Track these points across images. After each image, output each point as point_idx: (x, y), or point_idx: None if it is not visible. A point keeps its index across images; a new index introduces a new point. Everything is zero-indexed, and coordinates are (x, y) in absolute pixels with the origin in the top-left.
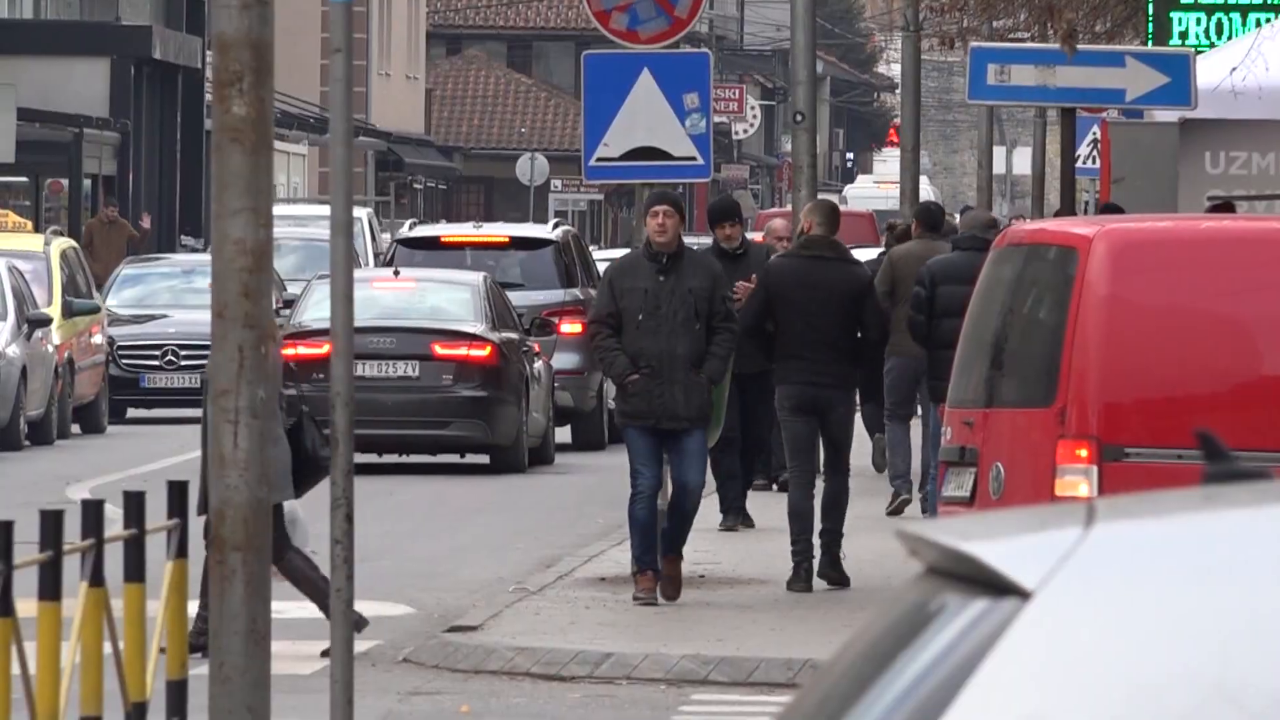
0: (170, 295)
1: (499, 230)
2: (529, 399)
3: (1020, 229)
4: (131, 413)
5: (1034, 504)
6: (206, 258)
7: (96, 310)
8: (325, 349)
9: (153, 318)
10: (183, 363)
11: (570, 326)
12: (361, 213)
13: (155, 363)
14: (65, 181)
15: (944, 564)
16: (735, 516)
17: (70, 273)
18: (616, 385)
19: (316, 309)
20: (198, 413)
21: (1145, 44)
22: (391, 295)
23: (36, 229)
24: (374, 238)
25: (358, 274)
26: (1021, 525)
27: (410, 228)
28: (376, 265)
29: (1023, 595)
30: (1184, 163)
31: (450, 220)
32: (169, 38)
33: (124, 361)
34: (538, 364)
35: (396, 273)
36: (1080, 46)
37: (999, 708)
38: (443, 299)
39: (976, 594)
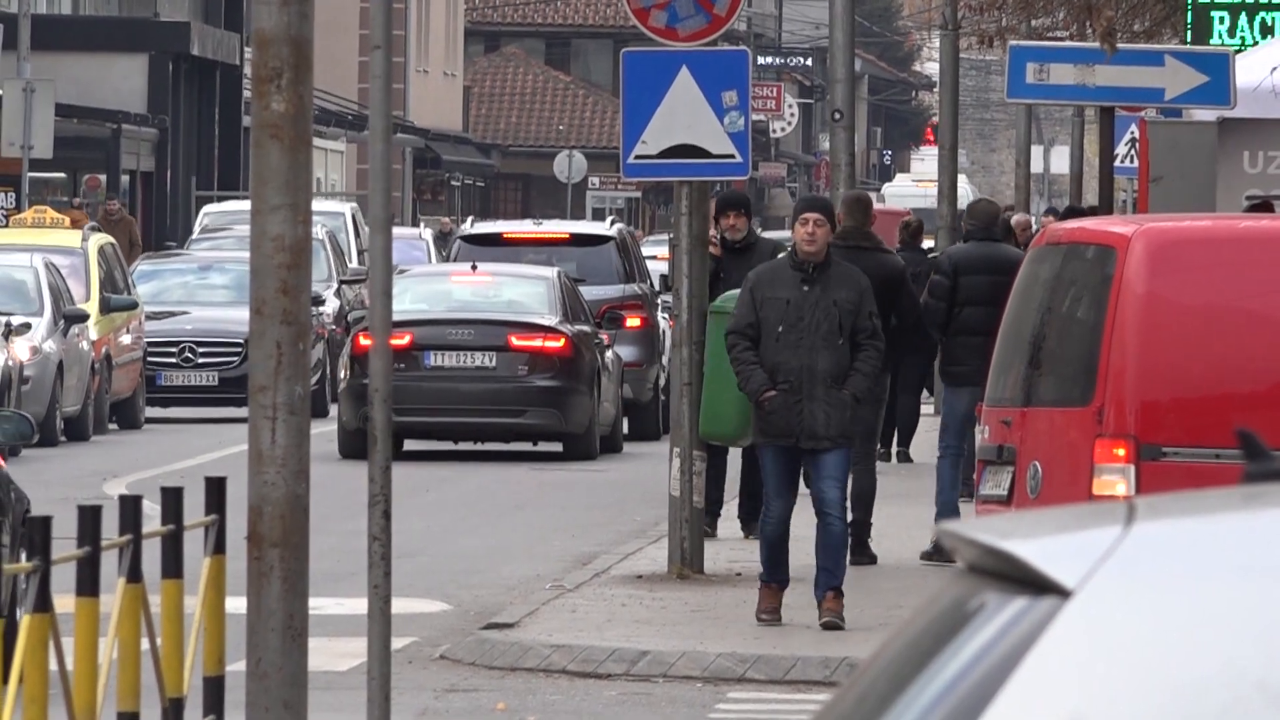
0: (185, 292)
1: (559, 227)
2: (600, 389)
3: (1059, 228)
4: (149, 411)
5: (1071, 503)
6: (225, 254)
7: (134, 306)
8: (405, 340)
9: (171, 314)
10: (200, 360)
11: (630, 320)
12: (345, 208)
13: (172, 360)
14: (103, 177)
15: (983, 562)
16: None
17: (108, 269)
18: (753, 402)
19: (397, 301)
20: (215, 411)
21: (1184, 43)
22: (469, 289)
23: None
24: (358, 234)
25: (437, 268)
26: (1061, 524)
27: (471, 224)
28: (359, 262)
29: (1063, 594)
30: (1222, 162)
31: (488, 217)
32: (207, 34)
33: None
34: (608, 355)
35: (474, 267)
36: (1119, 45)
37: (1038, 706)
38: (518, 292)
39: (1016, 592)
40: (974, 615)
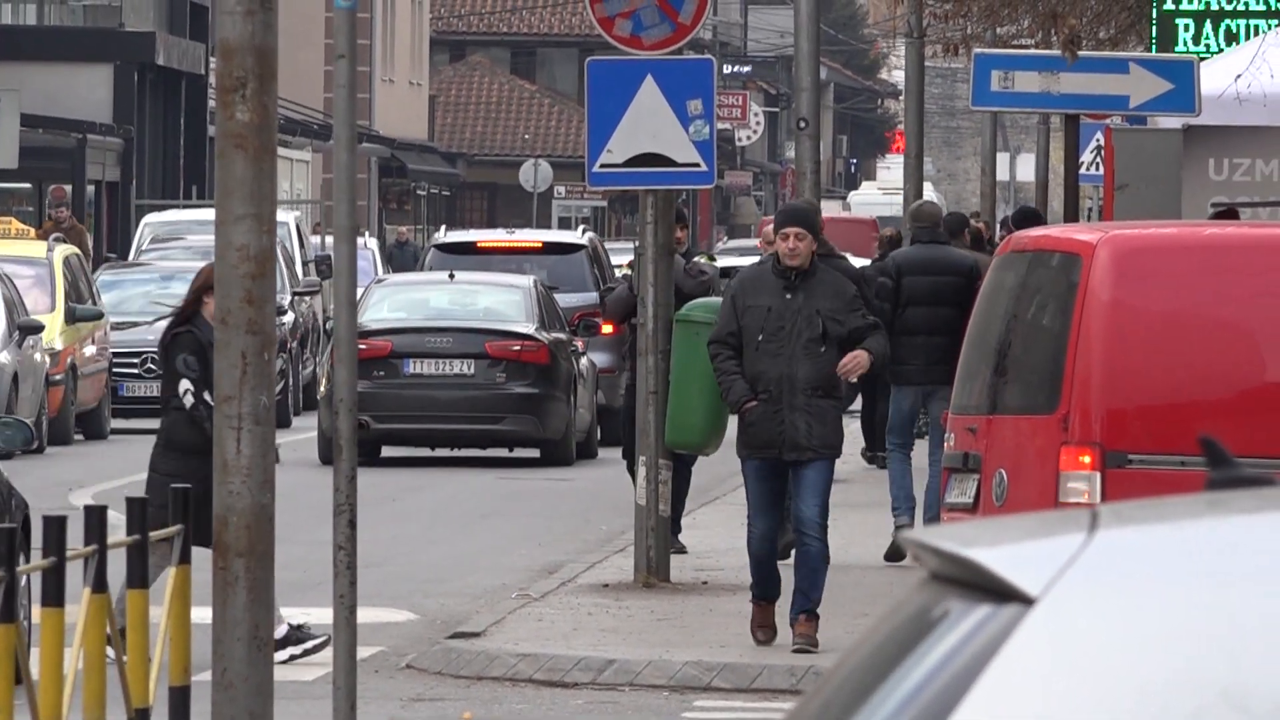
0: (146, 301)
1: (532, 236)
2: (576, 395)
3: (1024, 235)
4: (113, 422)
5: (1037, 510)
6: (187, 264)
7: (100, 317)
8: (384, 348)
9: (135, 324)
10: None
11: (604, 327)
12: (288, 217)
13: (134, 371)
14: (69, 188)
15: (947, 570)
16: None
17: (73, 279)
18: (734, 413)
19: (375, 310)
20: None
21: (1149, 50)
22: (447, 297)
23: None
24: (302, 244)
25: (415, 277)
26: (1025, 531)
27: (444, 233)
28: (305, 271)
29: (1026, 601)
30: (1188, 169)
31: (454, 226)
32: (172, 44)
33: None
34: (583, 362)
35: (451, 276)
36: (1084, 53)
37: (1002, 714)
38: (495, 301)
39: (980, 600)
40: (938, 623)
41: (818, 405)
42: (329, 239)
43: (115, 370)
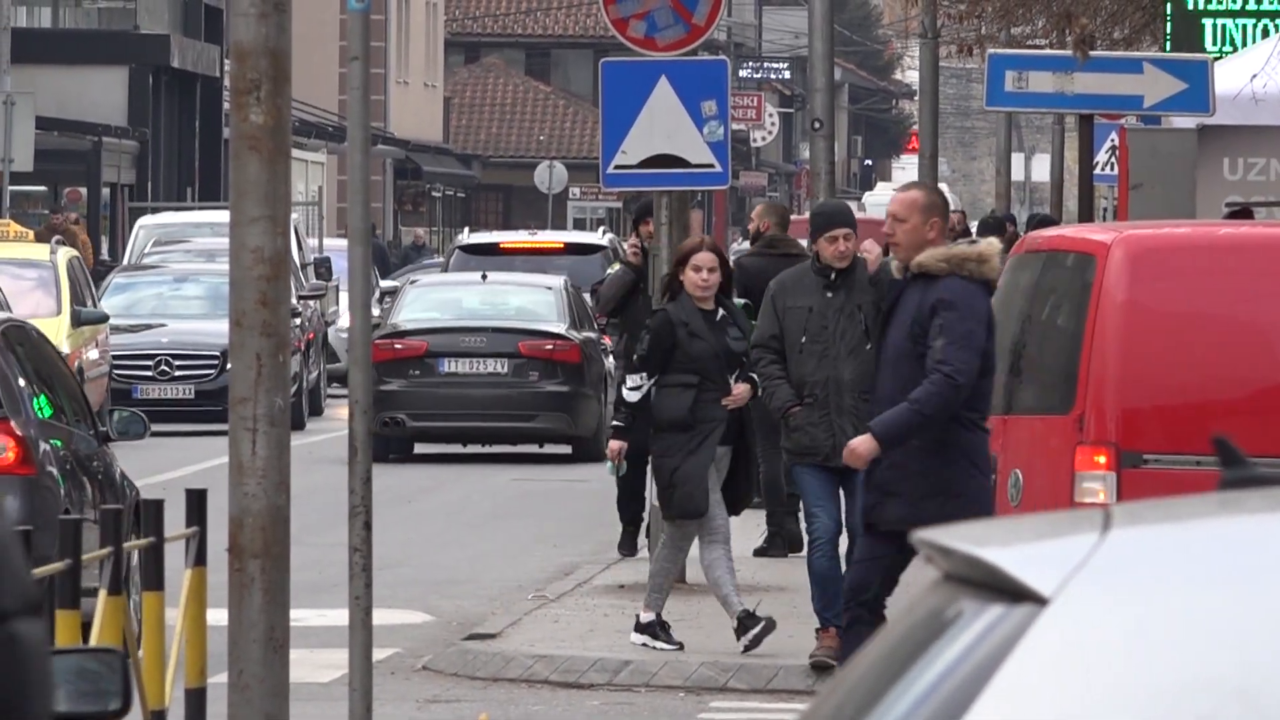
0: (159, 303)
1: (554, 237)
2: (606, 393)
3: (1038, 236)
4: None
5: (1053, 511)
6: (200, 266)
7: (104, 320)
8: (422, 348)
9: (148, 327)
10: (176, 373)
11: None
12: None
13: (148, 373)
14: (84, 190)
15: (960, 571)
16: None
17: (75, 282)
18: (778, 418)
19: (410, 309)
20: (193, 427)
21: (1163, 50)
22: (479, 297)
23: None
24: (300, 246)
25: (450, 277)
26: (1038, 531)
27: (467, 235)
28: (304, 274)
29: (1039, 601)
30: (1202, 169)
31: (468, 228)
32: (187, 46)
33: (116, 372)
34: (610, 361)
35: (484, 277)
36: (1098, 53)
37: (1015, 714)
38: (528, 301)
39: (993, 600)
40: (951, 623)
41: (865, 407)
42: (328, 241)
43: (129, 373)
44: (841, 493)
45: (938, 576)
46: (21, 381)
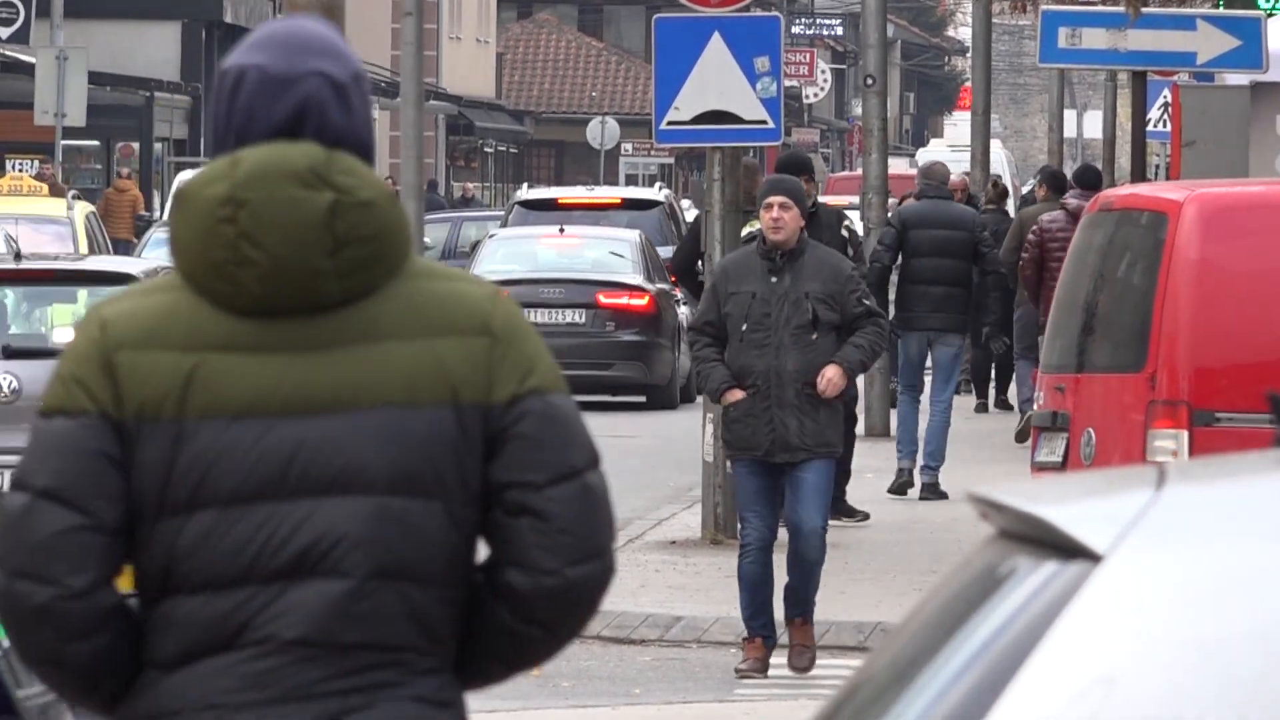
0: None
1: (611, 193)
2: (679, 343)
3: (1112, 194)
4: None
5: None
6: None
7: None
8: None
9: None
10: None
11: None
12: None
13: None
14: (136, 145)
15: (1015, 527)
16: None
17: (92, 238)
18: (715, 403)
19: (488, 261)
20: None
21: (1217, 6)
22: (555, 250)
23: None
24: None
25: (527, 231)
26: (1092, 488)
27: (526, 190)
28: None
29: (1093, 558)
30: (1255, 126)
31: (521, 184)
32: (240, 0)
33: None
34: (683, 311)
35: (561, 230)
36: (1151, 10)
37: (1069, 670)
38: (604, 253)
39: (1047, 557)
40: (1005, 580)
41: (810, 400)
42: None
43: None
44: (787, 488)
45: (992, 533)
46: None
